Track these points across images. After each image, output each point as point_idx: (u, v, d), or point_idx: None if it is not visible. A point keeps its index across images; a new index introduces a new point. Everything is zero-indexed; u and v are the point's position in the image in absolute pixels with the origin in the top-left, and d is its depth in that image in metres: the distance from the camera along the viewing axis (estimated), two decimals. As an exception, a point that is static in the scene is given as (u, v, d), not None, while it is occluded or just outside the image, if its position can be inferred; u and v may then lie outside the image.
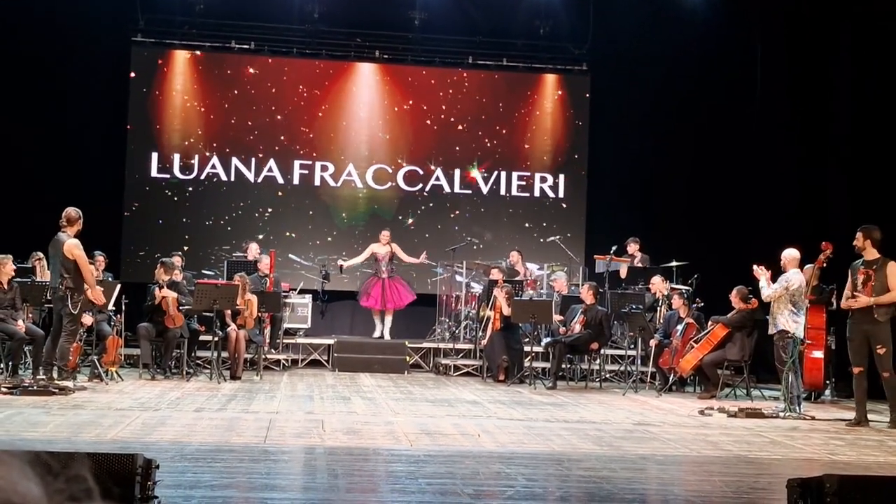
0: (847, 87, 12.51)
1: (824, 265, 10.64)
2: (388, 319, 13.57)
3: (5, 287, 10.25)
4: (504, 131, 15.58)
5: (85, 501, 0.82)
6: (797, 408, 9.32)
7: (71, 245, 9.49)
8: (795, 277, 9.95)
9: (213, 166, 14.89)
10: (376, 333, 13.59)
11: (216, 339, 10.90)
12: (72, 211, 9.68)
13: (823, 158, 13.11)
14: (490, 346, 12.17)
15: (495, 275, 12.84)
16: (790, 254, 10.02)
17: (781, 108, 13.84)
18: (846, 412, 9.86)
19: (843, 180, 12.64)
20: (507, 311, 11.99)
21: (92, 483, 0.84)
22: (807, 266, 10.62)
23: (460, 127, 15.47)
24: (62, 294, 9.49)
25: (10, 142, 13.58)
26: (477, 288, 13.86)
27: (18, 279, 10.44)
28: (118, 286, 10.99)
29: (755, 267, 10.03)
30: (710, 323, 11.23)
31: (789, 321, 9.78)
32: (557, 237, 14.62)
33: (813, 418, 9.14)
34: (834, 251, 9.73)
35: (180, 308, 10.99)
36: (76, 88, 13.74)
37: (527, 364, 11.92)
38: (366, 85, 15.37)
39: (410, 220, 15.16)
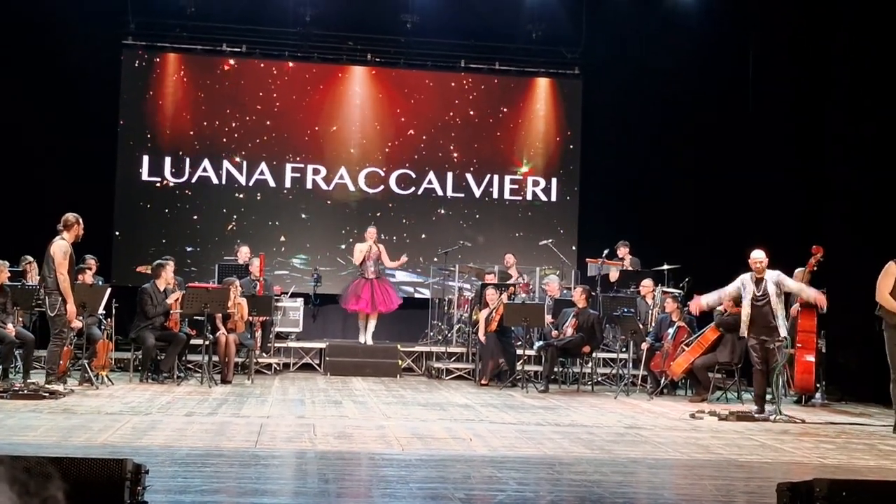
0: (844, 94, 12.49)
1: (815, 268, 10.65)
2: (372, 325, 13.28)
3: (-2, 292, 10.20)
4: (496, 134, 15.58)
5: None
6: (779, 409, 9.31)
7: (56, 246, 9.32)
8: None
9: (205, 169, 14.86)
10: (361, 339, 13.37)
11: (207, 342, 10.88)
12: (70, 216, 9.52)
13: (816, 164, 13.11)
14: (485, 347, 12.10)
15: (491, 279, 12.88)
16: (762, 255, 9.65)
17: (776, 113, 13.83)
18: (837, 415, 9.90)
19: (836, 186, 12.64)
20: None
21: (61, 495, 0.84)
22: (798, 269, 10.63)
23: (452, 132, 15.46)
24: (43, 298, 9.37)
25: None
26: (469, 292, 13.84)
27: (9, 283, 10.39)
28: (108, 289, 10.94)
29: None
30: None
31: (783, 324, 9.71)
32: (549, 240, 14.63)
33: (803, 421, 9.16)
34: (825, 255, 9.72)
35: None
36: (66, 91, 13.65)
37: (519, 367, 11.91)
38: (358, 88, 15.36)
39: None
